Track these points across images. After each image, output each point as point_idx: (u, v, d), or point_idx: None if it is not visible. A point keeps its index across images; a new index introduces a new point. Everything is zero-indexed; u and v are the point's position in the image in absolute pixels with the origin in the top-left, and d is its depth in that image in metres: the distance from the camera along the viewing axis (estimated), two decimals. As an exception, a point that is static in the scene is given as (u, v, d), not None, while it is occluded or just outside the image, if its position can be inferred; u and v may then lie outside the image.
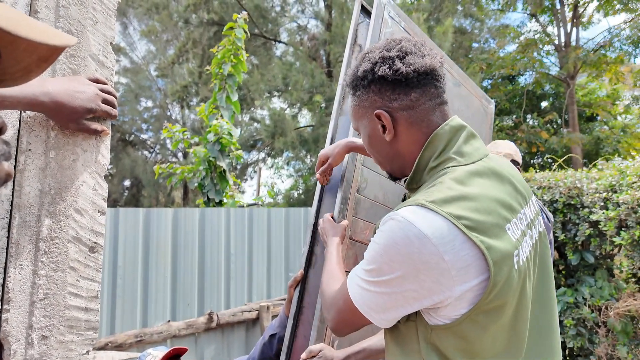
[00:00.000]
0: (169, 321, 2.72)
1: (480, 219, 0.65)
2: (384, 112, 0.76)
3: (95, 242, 0.80)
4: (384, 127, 0.78)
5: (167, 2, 12.74)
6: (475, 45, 14.30)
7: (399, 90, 0.75)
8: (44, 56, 0.41)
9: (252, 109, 15.79)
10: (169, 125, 4.30)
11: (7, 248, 0.70)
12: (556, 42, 13.96)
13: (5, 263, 0.70)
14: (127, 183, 19.35)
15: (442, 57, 0.81)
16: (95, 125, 0.78)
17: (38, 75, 0.43)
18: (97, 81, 0.79)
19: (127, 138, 19.38)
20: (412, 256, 0.63)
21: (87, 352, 0.77)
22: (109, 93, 0.81)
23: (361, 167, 1.40)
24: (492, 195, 0.69)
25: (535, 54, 14.70)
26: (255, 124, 17.28)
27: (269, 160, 19.04)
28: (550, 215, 1.90)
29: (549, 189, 3.52)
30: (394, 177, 0.87)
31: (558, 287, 3.27)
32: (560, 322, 3.16)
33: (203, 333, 2.85)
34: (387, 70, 0.75)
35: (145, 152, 19.98)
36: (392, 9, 1.54)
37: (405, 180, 0.84)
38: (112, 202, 18.32)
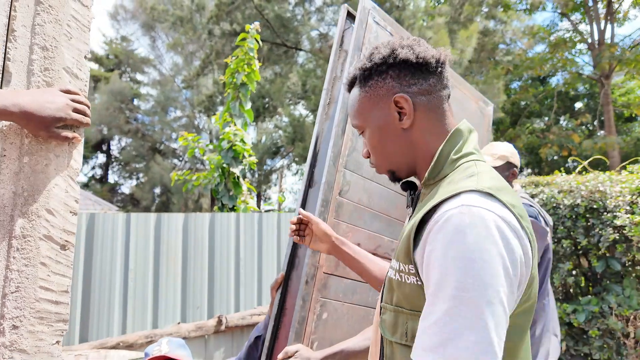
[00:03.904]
0: (178, 323, 2.81)
1: (522, 211, 0.66)
2: (405, 96, 0.76)
3: (66, 240, 0.86)
4: (400, 114, 0.77)
5: (191, 15, 13.21)
6: (501, 46, 14.00)
7: (418, 75, 0.77)
8: None
9: (276, 116, 16.07)
10: (185, 133, 4.45)
11: (-19, 245, 0.77)
12: (589, 40, 13.44)
13: (-20, 258, 0.77)
14: (157, 190, 20.09)
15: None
16: (66, 133, 0.85)
17: None
18: (68, 92, 0.86)
19: (157, 147, 20.15)
20: (497, 241, 0.57)
21: (57, 342, 0.83)
22: (81, 103, 0.87)
23: (343, 170, 1.42)
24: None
25: (566, 53, 14.22)
26: (279, 131, 17.56)
27: (294, 166, 19.27)
28: (550, 218, 1.86)
29: (569, 192, 3.40)
30: (397, 178, 0.83)
31: (583, 295, 3.15)
32: (585, 332, 3.04)
33: (212, 335, 2.93)
34: (410, 53, 0.77)
35: (175, 160, 20.70)
36: (377, 14, 1.56)
37: (398, 182, 0.83)
38: (144, 209, 19.06)
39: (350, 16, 1.58)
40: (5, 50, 0.82)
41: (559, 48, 13.74)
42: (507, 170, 1.88)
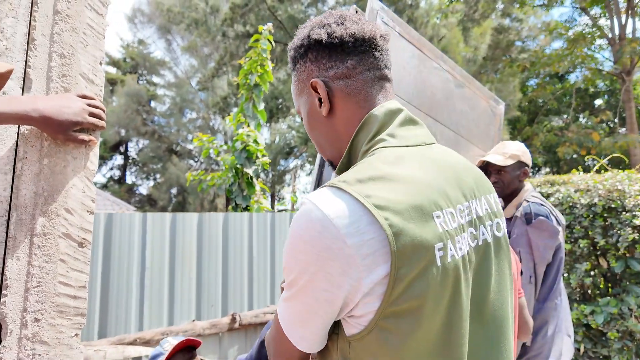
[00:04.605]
0: (193, 320, 2.87)
1: (396, 198, 0.56)
2: (319, 81, 0.70)
3: (83, 238, 0.90)
4: (320, 100, 0.71)
5: (206, 17, 13.39)
6: (517, 44, 13.78)
7: (335, 57, 0.70)
8: None
9: (289, 117, 16.15)
10: (200, 134, 4.53)
11: (5, 242, 0.81)
12: (609, 35, 13.10)
13: (4, 255, 0.81)
14: (173, 191, 20.43)
15: (388, 34, 0.74)
16: (83, 136, 0.89)
17: None
18: (84, 97, 0.90)
19: (173, 148, 20.50)
20: (314, 242, 0.55)
21: (76, 335, 0.87)
22: (96, 107, 0.92)
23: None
24: (421, 177, 0.60)
25: (585, 49, 13.90)
26: (292, 132, 17.64)
27: (307, 167, 19.34)
28: (562, 217, 1.84)
29: (586, 191, 3.34)
30: (336, 166, 0.77)
31: (601, 296, 3.09)
32: (604, 334, 2.98)
33: (226, 333, 2.98)
34: (323, 33, 0.70)
35: (190, 161, 21.01)
36: (386, 15, 1.57)
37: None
38: (160, 209, 19.41)
39: (359, 18, 1.60)
40: (26, 58, 0.87)
41: (577, 44, 13.43)
42: (519, 170, 1.86)
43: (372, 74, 0.71)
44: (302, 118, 0.79)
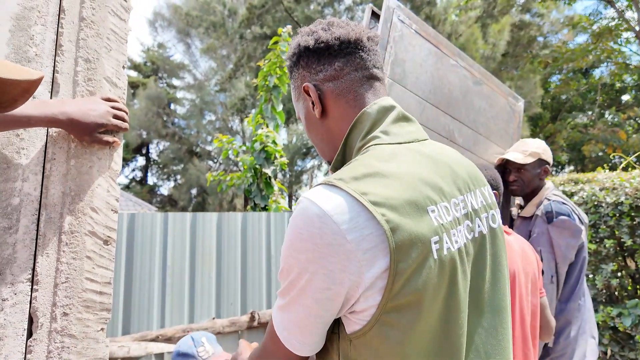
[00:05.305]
0: (213, 318, 2.92)
1: (391, 195, 0.57)
2: (309, 85, 0.74)
3: (108, 236, 0.93)
4: (313, 103, 0.75)
5: (224, 20, 13.58)
6: (539, 39, 13.46)
7: (323, 60, 0.73)
8: (26, 88, 0.54)
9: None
10: (220, 135, 4.60)
11: (36, 240, 0.85)
12: (637, 28, 12.64)
13: (35, 252, 0.85)
14: (194, 191, 20.79)
15: (377, 37, 0.76)
16: (107, 138, 0.92)
17: (23, 103, 0.56)
18: (109, 100, 0.94)
19: (193, 149, 20.86)
20: (314, 239, 0.55)
21: (102, 329, 0.91)
22: (120, 109, 0.95)
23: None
24: (415, 173, 0.61)
25: (611, 43, 13.46)
26: (310, 132, 17.66)
27: (324, 167, 19.39)
28: (584, 216, 1.79)
29: (612, 190, 3.25)
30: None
31: (629, 297, 3.00)
32: (632, 337, 2.89)
33: (246, 331, 3.02)
34: (310, 40, 0.74)
35: (210, 162, 21.33)
36: (402, 12, 1.57)
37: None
38: (181, 209, 19.77)
39: (375, 16, 1.60)
40: (54, 63, 0.91)
41: (603, 38, 13.02)
42: (539, 167, 1.83)
43: (360, 73, 0.73)
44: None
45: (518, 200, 2.07)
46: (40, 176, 0.87)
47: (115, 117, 0.93)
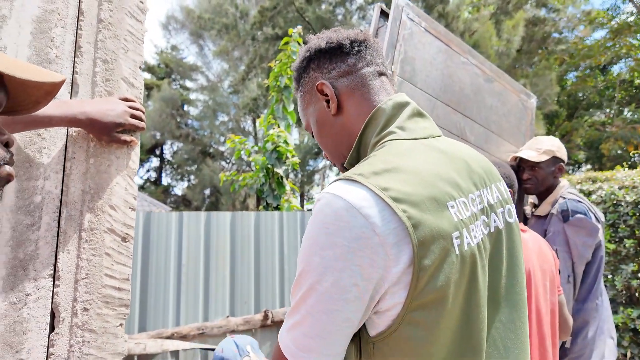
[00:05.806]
0: (227, 317, 2.95)
1: (412, 191, 0.56)
2: (324, 82, 0.75)
3: (126, 233, 0.96)
4: (328, 101, 0.76)
5: (236, 21, 13.68)
6: (554, 35, 13.21)
7: (335, 59, 0.76)
8: (49, 90, 0.56)
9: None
10: (232, 136, 4.65)
11: (57, 236, 0.88)
12: (657, 23, 12.33)
13: (56, 248, 0.88)
14: (207, 192, 20.99)
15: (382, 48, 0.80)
16: (125, 137, 0.95)
17: (45, 105, 0.58)
18: (126, 100, 0.96)
19: (206, 150, 21.06)
20: (343, 232, 0.53)
21: (120, 324, 0.93)
22: (137, 109, 0.97)
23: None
24: (432, 169, 0.61)
25: (630, 38, 13.15)
26: (322, 132, 17.66)
27: (335, 167, 19.30)
28: (601, 215, 1.76)
29: (632, 188, 3.18)
30: (346, 169, 0.78)
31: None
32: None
33: (259, 329, 3.04)
34: (321, 41, 0.77)
35: (223, 163, 21.51)
36: (411, 11, 1.57)
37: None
38: (195, 209, 19.99)
39: (384, 14, 1.60)
40: (74, 64, 0.93)
41: (621, 33, 12.72)
42: (554, 165, 1.80)
43: (372, 69, 0.76)
44: (311, 133, 0.82)
45: (531, 199, 2.04)
46: (61, 174, 0.90)
47: (133, 116, 0.95)
